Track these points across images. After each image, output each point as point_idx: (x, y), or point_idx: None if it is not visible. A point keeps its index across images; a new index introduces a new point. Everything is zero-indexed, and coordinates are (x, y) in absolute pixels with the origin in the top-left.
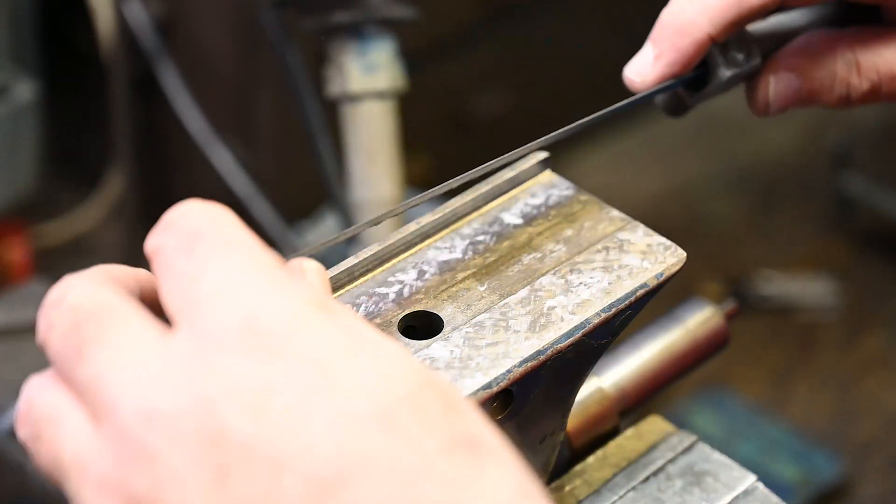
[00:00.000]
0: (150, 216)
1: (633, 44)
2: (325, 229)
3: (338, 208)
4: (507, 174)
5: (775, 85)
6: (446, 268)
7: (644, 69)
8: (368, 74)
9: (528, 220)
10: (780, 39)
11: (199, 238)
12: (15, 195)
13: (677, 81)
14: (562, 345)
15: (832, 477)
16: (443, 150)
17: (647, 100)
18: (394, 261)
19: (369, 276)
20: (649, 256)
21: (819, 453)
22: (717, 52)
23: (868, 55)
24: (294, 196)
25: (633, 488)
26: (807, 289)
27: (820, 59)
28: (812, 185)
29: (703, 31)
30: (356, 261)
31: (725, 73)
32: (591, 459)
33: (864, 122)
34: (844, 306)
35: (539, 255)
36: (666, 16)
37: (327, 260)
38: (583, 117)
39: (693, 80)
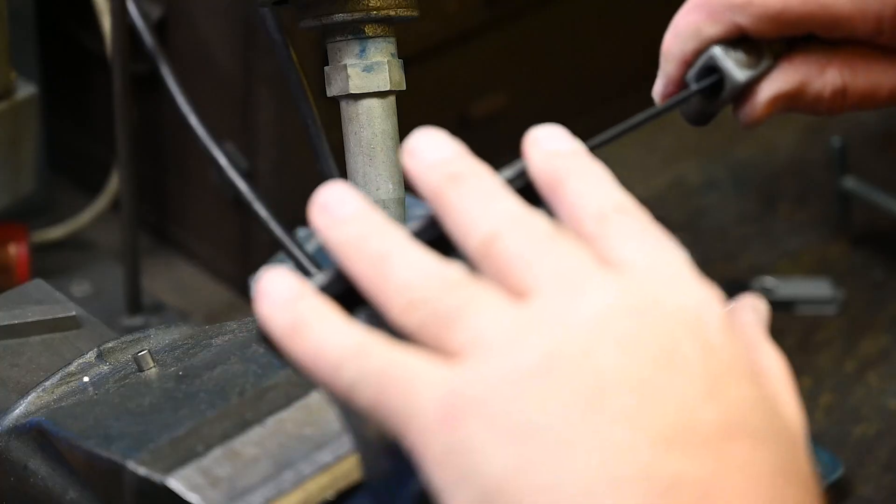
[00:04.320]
0: (150, 216)
1: (633, 44)
2: None
3: None
4: (505, 174)
5: (771, 99)
6: None
7: (657, 94)
8: (368, 74)
9: None
10: (789, 42)
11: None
12: (15, 195)
13: (691, 93)
14: None
15: (832, 477)
16: None
17: (666, 112)
18: None
19: None
20: None
21: (819, 453)
22: (726, 58)
23: (855, 78)
24: (294, 197)
25: None
26: (807, 289)
27: (811, 81)
28: (812, 185)
29: (676, 57)
30: None
31: (740, 75)
32: None
33: (864, 122)
34: (844, 306)
35: None
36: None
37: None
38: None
39: (710, 88)
